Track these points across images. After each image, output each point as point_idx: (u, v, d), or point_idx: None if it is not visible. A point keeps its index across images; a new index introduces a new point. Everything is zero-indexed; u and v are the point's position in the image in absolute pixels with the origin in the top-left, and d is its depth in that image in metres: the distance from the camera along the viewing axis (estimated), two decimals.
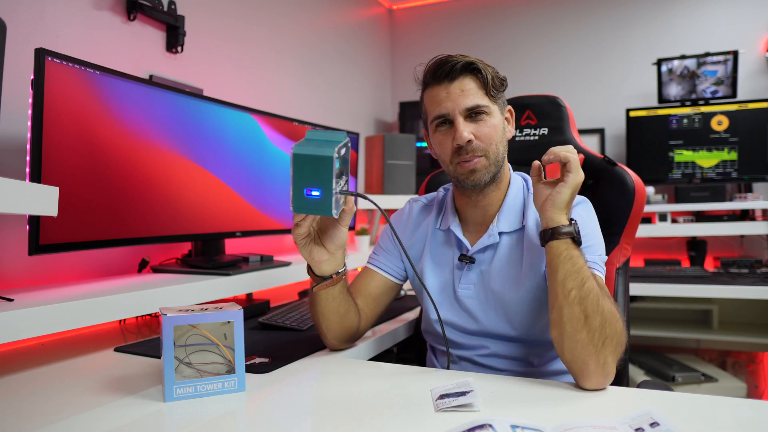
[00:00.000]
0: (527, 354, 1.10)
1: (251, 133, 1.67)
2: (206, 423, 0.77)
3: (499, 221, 1.10)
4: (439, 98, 1.05)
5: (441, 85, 1.05)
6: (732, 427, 0.74)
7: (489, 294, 1.09)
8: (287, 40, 2.42)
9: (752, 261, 2.50)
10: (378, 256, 1.22)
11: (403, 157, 2.43)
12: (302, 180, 0.84)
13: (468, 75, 1.04)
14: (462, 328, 1.12)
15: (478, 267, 1.11)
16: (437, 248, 1.16)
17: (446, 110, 1.04)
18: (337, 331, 1.09)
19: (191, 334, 0.85)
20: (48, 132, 1.10)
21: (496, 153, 1.06)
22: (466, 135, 1.02)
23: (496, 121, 1.05)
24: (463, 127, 1.02)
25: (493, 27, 3.29)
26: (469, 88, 1.03)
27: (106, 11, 1.56)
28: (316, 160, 0.83)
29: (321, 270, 1.02)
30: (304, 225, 0.95)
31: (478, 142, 1.03)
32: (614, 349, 0.86)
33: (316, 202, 0.85)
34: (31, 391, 0.93)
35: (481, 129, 1.04)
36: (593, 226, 1.06)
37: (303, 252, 0.99)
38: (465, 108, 1.03)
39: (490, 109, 1.04)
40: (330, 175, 0.83)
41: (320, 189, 0.84)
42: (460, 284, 1.11)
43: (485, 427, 0.65)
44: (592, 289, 0.87)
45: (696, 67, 2.73)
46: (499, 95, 1.07)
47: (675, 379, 2.30)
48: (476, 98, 1.03)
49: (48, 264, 1.36)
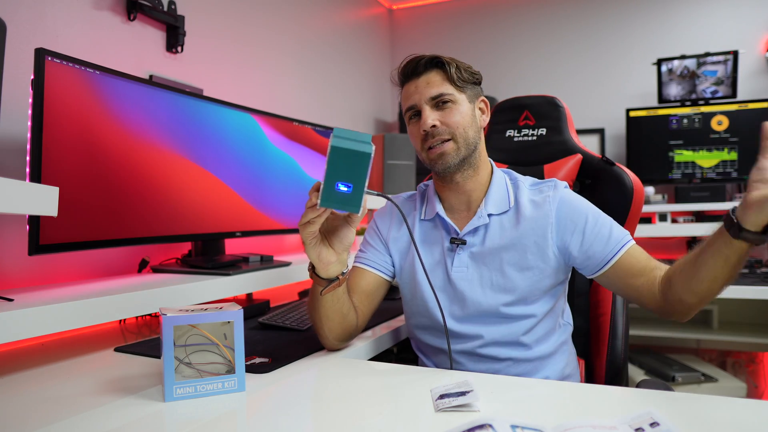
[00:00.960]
0: (518, 333, 1.10)
1: (251, 133, 1.67)
2: (206, 423, 0.77)
3: (486, 205, 1.12)
4: (409, 92, 1.11)
5: (411, 81, 1.11)
6: (732, 427, 0.74)
7: (486, 273, 1.10)
8: (287, 40, 2.42)
9: (752, 261, 2.50)
10: (365, 253, 1.21)
11: (403, 157, 2.44)
12: (336, 174, 0.85)
13: (433, 69, 1.09)
14: (454, 314, 1.11)
15: (469, 249, 1.12)
16: (426, 239, 1.17)
17: (414, 101, 1.10)
18: (338, 331, 1.09)
19: (191, 334, 0.85)
20: (48, 132, 1.10)
21: (464, 137, 1.09)
22: (430, 121, 1.07)
23: (462, 107, 1.09)
24: (428, 113, 1.07)
25: (493, 27, 3.29)
26: (434, 80, 1.09)
27: (106, 11, 1.56)
28: (355, 156, 0.84)
29: (328, 272, 1.01)
30: (318, 222, 0.94)
31: (443, 126, 1.08)
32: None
33: (346, 198, 0.86)
34: (31, 391, 0.93)
35: (447, 115, 1.08)
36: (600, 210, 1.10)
37: (311, 253, 0.98)
38: (429, 97, 1.08)
39: (455, 97, 1.09)
40: (365, 172, 0.84)
41: (352, 184, 0.85)
42: (453, 267, 1.12)
43: (485, 427, 0.65)
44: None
45: (696, 67, 2.73)
46: (468, 86, 1.11)
47: (675, 379, 2.30)
48: (440, 88, 1.08)
49: (48, 264, 1.36)
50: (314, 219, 0.93)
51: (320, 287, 1.02)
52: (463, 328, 1.11)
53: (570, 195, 1.11)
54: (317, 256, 0.98)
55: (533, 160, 1.45)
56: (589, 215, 1.07)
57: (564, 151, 1.43)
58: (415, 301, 1.17)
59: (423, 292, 1.14)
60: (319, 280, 1.02)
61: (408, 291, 1.19)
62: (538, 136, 1.46)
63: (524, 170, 1.29)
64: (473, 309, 1.10)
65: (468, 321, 1.11)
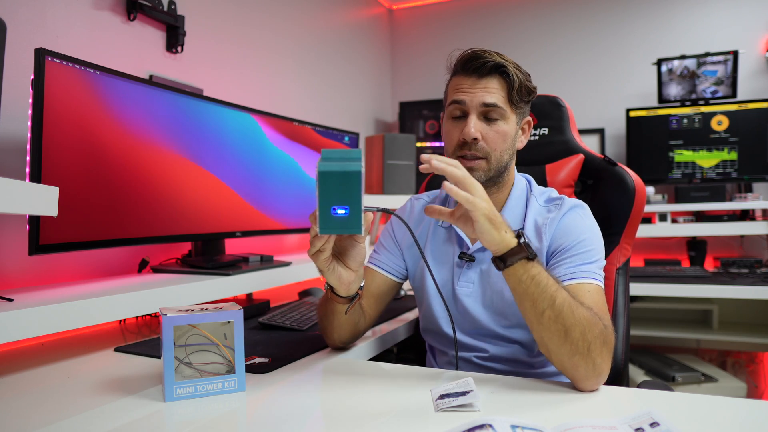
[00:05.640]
0: (526, 356, 1.10)
1: (251, 133, 1.67)
2: (206, 423, 0.77)
3: None
4: (463, 87, 1.04)
5: (469, 77, 1.04)
6: (732, 427, 0.74)
7: (488, 293, 1.09)
8: (287, 41, 2.42)
9: (752, 261, 2.50)
10: (379, 255, 1.21)
11: (403, 157, 2.43)
12: (329, 198, 0.81)
13: (497, 75, 1.03)
14: (460, 326, 1.12)
15: (479, 266, 1.10)
16: (438, 246, 1.16)
17: (464, 98, 1.03)
18: (347, 337, 1.11)
19: (191, 334, 0.85)
20: (48, 132, 1.10)
21: (498, 159, 1.04)
22: (474, 132, 1.01)
23: (508, 128, 1.04)
24: (473, 123, 1.02)
25: (493, 27, 3.29)
26: (493, 87, 1.02)
27: (106, 11, 1.56)
28: (345, 176, 0.81)
29: (349, 291, 0.99)
30: (328, 248, 0.90)
31: (483, 143, 1.02)
32: (601, 349, 0.85)
33: (344, 221, 0.82)
34: (31, 391, 0.92)
35: (491, 132, 1.03)
36: (593, 231, 1.04)
37: (331, 278, 0.95)
38: (482, 103, 1.02)
39: (506, 114, 1.03)
40: (359, 191, 0.81)
41: (348, 206, 0.81)
42: (459, 282, 1.11)
43: (485, 427, 0.65)
44: (563, 302, 0.85)
45: (696, 67, 2.73)
46: (521, 103, 1.06)
47: (675, 379, 2.30)
48: (496, 98, 1.02)
49: (48, 264, 1.36)
50: (323, 246, 0.89)
51: (342, 305, 1.01)
52: (467, 339, 1.12)
53: (571, 219, 1.05)
54: (338, 280, 0.96)
55: (535, 159, 1.45)
56: (580, 242, 1.01)
57: (566, 150, 1.43)
58: (422, 307, 1.19)
59: (431, 302, 1.15)
60: (340, 300, 1.01)
61: (418, 295, 1.21)
62: (541, 135, 1.46)
63: (526, 170, 1.29)
64: (476, 325, 1.10)
65: (471, 335, 1.12)
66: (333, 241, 0.90)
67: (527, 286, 0.86)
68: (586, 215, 1.07)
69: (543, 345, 0.88)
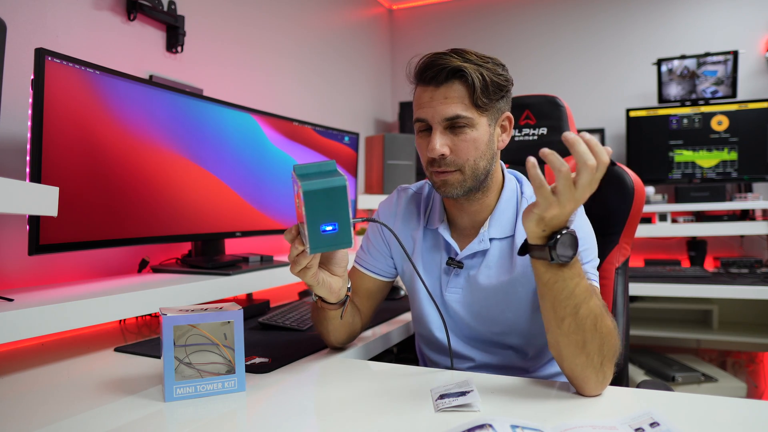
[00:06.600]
0: (521, 361, 1.09)
1: (251, 133, 1.67)
2: (206, 423, 0.77)
3: (490, 227, 1.05)
4: (423, 101, 0.98)
5: (427, 87, 0.97)
6: (732, 427, 0.74)
7: (477, 299, 1.06)
8: (287, 40, 2.42)
9: (752, 261, 2.50)
10: (366, 255, 1.17)
11: (403, 157, 2.43)
12: (318, 217, 0.80)
13: (456, 81, 0.95)
14: (452, 332, 1.10)
15: (467, 271, 1.07)
16: (426, 251, 1.12)
17: (426, 116, 0.97)
18: (344, 337, 1.11)
19: (191, 334, 0.85)
20: (48, 132, 1.10)
21: (474, 168, 0.98)
22: (439, 149, 0.95)
23: (479, 134, 0.97)
24: (438, 139, 0.95)
25: (493, 27, 3.29)
26: (453, 96, 0.95)
27: (106, 11, 1.56)
28: (331, 193, 0.79)
29: (339, 296, 0.99)
30: (315, 263, 0.89)
31: (453, 156, 0.97)
32: (612, 361, 0.84)
33: (334, 237, 0.81)
34: (31, 391, 0.92)
35: (459, 143, 0.96)
36: (585, 231, 1.01)
37: (321, 290, 0.95)
38: (444, 118, 0.95)
39: (473, 121, 0.96)
40: (346, 205, 0.80)
41: (337, 221, 0.80)
42: (447, 288, 1.08)
43: (485, 427, 0.65)
44: (588, 314, 0.81)
45: (696, 67, 2.73)
46: (491, 103, 0.98)
47: (675, 379, 2.30)
48: (458, 108, 0.95)
49: (48, 264, 1.36)
50: (310, 263, 0.89)
51: (335, 311, 1.02)
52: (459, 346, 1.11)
53: None
54: (328, 290, 0.96)
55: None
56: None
57: (565, 150, 1.43)
58: (413, 308, 1.19)
59: (421, 305, 1.13)
60: (331, 306, 1.01)
61: (410, 295, 1.18)
62: (539, 135, 1.46)
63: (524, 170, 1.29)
64: (468, 331, 1.10)
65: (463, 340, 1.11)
66: (318, 257, 0.90)
67: (549, 287, 0.82)
68: (578, 214, 1.04)
69: (556, 349, 0.85)
